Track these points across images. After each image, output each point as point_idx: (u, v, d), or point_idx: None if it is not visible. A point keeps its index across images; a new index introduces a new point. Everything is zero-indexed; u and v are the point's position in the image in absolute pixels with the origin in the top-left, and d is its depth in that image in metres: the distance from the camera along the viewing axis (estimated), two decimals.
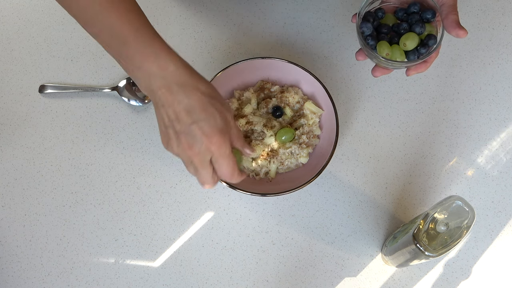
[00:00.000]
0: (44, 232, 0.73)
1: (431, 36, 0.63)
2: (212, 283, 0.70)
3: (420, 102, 0.77)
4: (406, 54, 0.63)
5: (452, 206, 0.55)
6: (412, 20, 0.63)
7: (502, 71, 0.79)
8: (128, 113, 0.78)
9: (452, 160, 0.75)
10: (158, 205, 0.73)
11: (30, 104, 0.78)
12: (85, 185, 0.74)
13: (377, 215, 0.73)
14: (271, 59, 0.73)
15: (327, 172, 0.74)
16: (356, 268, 0.71)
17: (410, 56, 0.63)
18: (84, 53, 0.81)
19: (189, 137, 0.51)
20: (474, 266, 0.70)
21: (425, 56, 0.62)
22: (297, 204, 0.73)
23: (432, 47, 0.63)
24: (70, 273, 0.71)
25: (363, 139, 0.76)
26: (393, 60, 0.62)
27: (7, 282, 0.71)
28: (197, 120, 0.50)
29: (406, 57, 0.63)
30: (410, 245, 0.57)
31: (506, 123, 0.76)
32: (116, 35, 0.51)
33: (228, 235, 0.72)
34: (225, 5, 0.83)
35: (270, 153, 0.72)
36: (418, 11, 0.64)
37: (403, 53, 0.63)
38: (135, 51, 0.51)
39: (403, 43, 0.63)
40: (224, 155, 0.52)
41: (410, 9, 0.64)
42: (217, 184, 0.56)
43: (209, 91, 0.52)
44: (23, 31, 0.82)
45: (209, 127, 0.50)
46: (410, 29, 0.63)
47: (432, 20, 0.64)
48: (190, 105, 0.50)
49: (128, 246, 0.72)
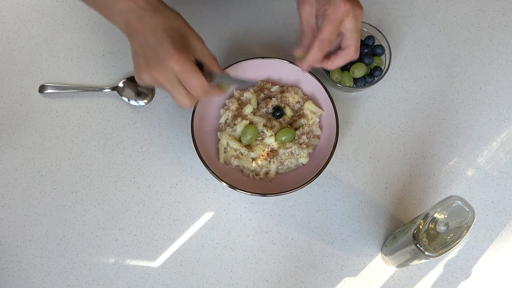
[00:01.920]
0: (44, 232, 0.73)
1: (378, 68, 0.74)
2: (212, 283, 0.70)
3: (420, 102, 0.77)
4: (354, 81, 0.74)
5: (452, 206, 0.55)
6: (364, 51, 0.73)
7: (502, 71, 0.79)
8: (128, 113, 0.78)
9: (452, 160, 0.75)
10: (158, 205, 0.73)
11: (30, 104, 0.78)
12: (85, 185, 0.74)
13: (377, 215, 0.73)
14: (271, 59, 0.73)
15: (327, 172, 0.74)
16: (356, 268, 0.71)
17: (357, 83, 0.74)
18: (84, 53, 0.81)
19: (155, 59, 0.53)
20: (474, 266, 0.70)
21: (371, 85, 0.74)
22: (297, 204, 0.73)
23: (377, 77, 0.73)
24: (70, 273, 0.71)
25: (363, 139, 0.76)
26: (341, 85, 0.73)
27: (7, 282, 0.71)
28: (161, 42, 0.53)
29: (354, 83, 0.74)
30: (410, 245, 0.57)
31: (506, 123, 0.76)
32: None
33: (228, 235, 0.72)
34: (225, 5, 0.83)
35: (270, 153, 0.72)
36: (371, 45, 0.74)
37: (352, 79, 0.74)
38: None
39: (352, 71, 0.73)
40: (187, 70, 0.53)
41: (365, 41, 0.74)
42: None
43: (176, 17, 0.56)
44: (23, 31, 0.82)
45: (172, 47, 0.53)
46: (360, 60, 0.73)
47: (381, 55, 0.74)
48: (158, 29, 0.53)
49: (128, 246, 0.72)
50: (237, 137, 0.72)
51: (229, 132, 0.72)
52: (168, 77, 0.54)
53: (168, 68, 0.53)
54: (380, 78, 0.74)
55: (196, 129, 0.70)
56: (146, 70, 0.54)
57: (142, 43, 0.54)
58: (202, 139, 0.71)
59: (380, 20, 0.81)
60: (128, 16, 0.55)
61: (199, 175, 0.74)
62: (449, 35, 0.81)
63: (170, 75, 0.54)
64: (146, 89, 0.78)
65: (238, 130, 0.72)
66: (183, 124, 0.77)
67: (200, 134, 0.71)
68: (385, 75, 0.74)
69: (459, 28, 0.81)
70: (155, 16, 0.54)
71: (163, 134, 0.77)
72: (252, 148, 0.71)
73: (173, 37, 0.54)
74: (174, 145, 0.76)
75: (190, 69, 0.54)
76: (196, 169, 0.75)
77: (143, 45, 0.54)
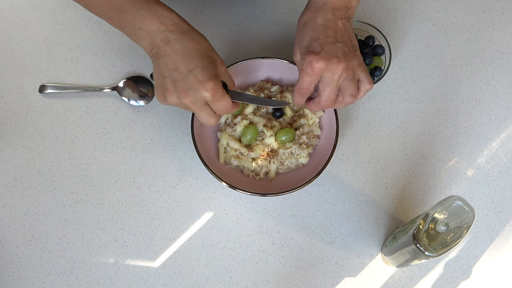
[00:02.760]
0: (44, 232, 0.73)
1: (378, 68, 0.74)
2: (212, 283, 0.70)
3: (420, 102, 0.77)
4: None
5: (452, 206, 0.55)
6: (364, 51, 0.73)
7: (502, 71, 0.79)
8: (128, 113, 0.78)
9: (452, 160, 0.75)
10: (158, 205, 0.73)
11: (30, 104, 0.78)
12: (85, 185, 0.74)
13: (377, 215, 0.73)
14: (271, 59, 0.73)
15: (327, 172, 0.74)
16: (356, 268, 0.71)
17: None
18: (84, 53, 0.81)
19: (185, 84, 0.53)
20: (474, 266, 0.70)
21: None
22: (297, 204, 0.73)
23: (378, 77, 0.73)
24: (70, 273, 0.71)
25: (363, 139, 0.76)
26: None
27: (7, 282, 0.71)
28: (192, 68, 0.53)
29: None
30: (410, 245, 0.57)
31: (506, 123, 0.76)
32: (115, 6, 0.57)
33: (228, 235, 0.72)
34: (225, 5, 0.83)
35: (270, 153, 0.72)
36: (371, 45, 0.74)
37: None
38: (134, 16, 0.56)
39: None
40: (219, 98, 0.54)
41: (365, 41, 0.75)
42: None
43: (204, 41, 0.56)
44: (23, 31, 0.82)
45: (203, 75, 0.53)
46: None
47: (381, 55, 0.74)
48: (187, 54, 0.54)
49: (128, 246, 0.72)
50: (237, 137, 0.72)
51: (229, 132, 0.72)
52: (197, 102, 0.54)
53: (200, 95, 0.53)
54: (380, 78, 0.73)
55: (196, 129, 0.70)
56: (174, 93, 0.54)
57: (169, 67, 0.54)
58: (202, 139, 0.71)
59: (380, 20, 0.81)
60: (156, 38, 0.54)
61: (199, 175, 0.74)
62: (449, 35, 0.81)
63: (199, 100, 0.54)
64: (146, 89, 0.78)
65: (238, 130, 0.72)
66: (183, 124, 0.77)
67: (200, 134, 0.71)
68: (385, 75, 0.74)
69: (459, 28, 0.81)
70: (184, 39, 0.54)
71: (163, 134, 0.77)
72: (252, 148, 0.71)
73: (203, 63, 0.54)
74: (174, 145, 0.76)
75: (221, 95, 0.54)
76: (196, 169, 0.75)
77: (171, 69, 0.54)
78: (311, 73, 0.56)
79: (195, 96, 0.53)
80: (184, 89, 0.53)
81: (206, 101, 0.55)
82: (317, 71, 0.56)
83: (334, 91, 0.57)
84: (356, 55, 0.57)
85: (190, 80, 0.53)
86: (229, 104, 0.56)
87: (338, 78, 0.56)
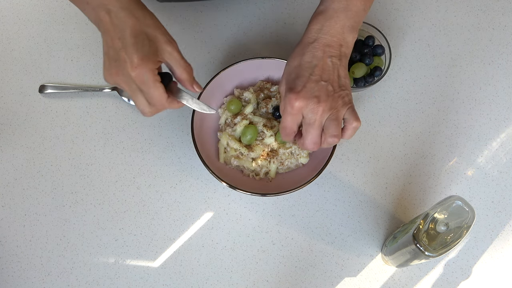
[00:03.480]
0: (44, 232, 0.73)
1: (378, 68, 0.74)
2: (212, 283, 0.70)
3: (420, 102, 0.77)
4: (354, 81, 0.74)
5: (452, 206, 0.55)
6: (364, 51, 0.74)
7: (502, 71, 0.79)
8: (128, 113, 0.78)
9: (452, 160, 0.75)
10: (158, 205, 0.73)
11: (30, 104, 0.78)
12: (85, 185, 0.74)
13: (377, 215, 0.73)
14: (271, 59, 0.73)
15: (327, 172, 0.74)
16: (356, 268, 0.71)
17: (357, 83, 0.73)
18: (84, 53, 0.81)
19: (117, 63, 0.51)
20: (474, 266, 0.70)
21: (371, 85, 0.73)
22: (297, 204, 0.73)
23: (378, 77, 0.74)
24: (70, 273, 0.71)
25: (363, 139, 0.76)
26: None
27: (7, 282, 0.71)
28: (125, 46, 0.51)
29: (354, 83, 0.74)
30: (410, 245, 0.57)
31: (506, 123, 0.76)
32: None
33: (228, 235, 0.72)
34: (225, 5, 0.83)
35: (270, 153, 0.72)
36: (371, 45, 0.74)
37: (352, 79, 0.74)
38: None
39: (352, 71, 0.73)
40: (145, 82, 0.52)
41: (365, 41, 0.75)
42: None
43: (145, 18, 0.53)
44: (23, 31, 0.82)
45: (134, 54, 0.51)
46: (360, 60, 0.74)
47: (381, 55, 0.74)
48: (121, 30, 0.51)
49: (128, 246, 0.72)
50: (237, 137, 0.72)
51: (229, 132, 0.72)
52: (128, 83, 0.52)
53: (127, 74, 0.51)
54: (380, 78, 0.74)
55: (196, 129, 0.70)
56: (108, 70, 0.53)
57: (108, 43, 0.52)
58: (202, 139, 0.71)
59: (380, 20, 0.81)
60: (99, 13, 0.52)
61: (199, 175, 0.74)
62: (449, 35, 0.81)
63: (130, 81, 0.52)
64: None
65: (238, 130, 0.72)
66: (183, 124, 0.77)
67: (200, 134, 0.71)
68: (385, 75, 0.74)
69: (459, 28, 0.81)
70: (125, 16, 0.52)
71: (163, 134, 0.77)
72: (252, 148, 0.71)
73: (138, 43, 0.51)
74: (174, 145, 0.76)
75: (148, 80, 0.52)
76: (196, 169, 0.75)
77: (109, 45, 0.52)
78: (291, 111, 0.55)
79: (124, 76, 0.51)
80: (115, 66, 0.51)
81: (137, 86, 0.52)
82: (296, 110, 0.54)
83: (317, 131, 0.55)
84: (342, 95, 0.55)
85: (121, 58, 0.51)
86: (160, 97, 0.53)
87: (319, 118, 0.54)
